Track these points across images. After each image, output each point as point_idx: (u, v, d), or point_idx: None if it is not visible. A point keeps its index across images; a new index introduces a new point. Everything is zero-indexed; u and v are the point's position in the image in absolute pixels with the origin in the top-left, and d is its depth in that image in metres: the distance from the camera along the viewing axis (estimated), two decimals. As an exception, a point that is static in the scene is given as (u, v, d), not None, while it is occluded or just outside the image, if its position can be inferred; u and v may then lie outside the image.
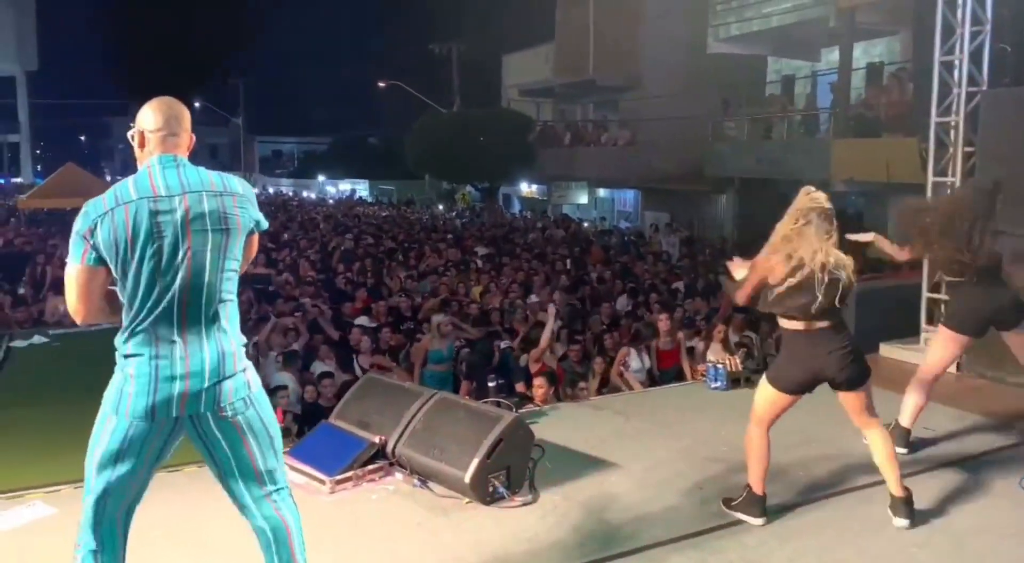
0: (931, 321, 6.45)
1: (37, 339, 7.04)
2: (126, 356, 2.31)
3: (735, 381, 5.56)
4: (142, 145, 2.42)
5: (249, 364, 2.46)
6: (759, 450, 3.46)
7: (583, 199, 20.91)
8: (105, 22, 58.24)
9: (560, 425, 4.74)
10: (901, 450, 4.13)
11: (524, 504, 3.68)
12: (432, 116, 23.32)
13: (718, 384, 5.58)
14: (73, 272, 2.30)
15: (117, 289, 2.34)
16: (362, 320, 9.33)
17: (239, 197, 2.39)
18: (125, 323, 2.33)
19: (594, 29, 20.09)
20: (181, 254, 2.27)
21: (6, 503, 3.62)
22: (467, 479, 3.60)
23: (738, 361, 5.81)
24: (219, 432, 2.36)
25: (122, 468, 2.32)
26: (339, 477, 3.80)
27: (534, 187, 25.05)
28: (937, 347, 4.30)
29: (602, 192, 21.68)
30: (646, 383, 6.95)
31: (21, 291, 10.51)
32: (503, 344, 7.31)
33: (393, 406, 4.12)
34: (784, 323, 3.36)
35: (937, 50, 5.98)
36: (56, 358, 6.61)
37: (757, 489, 3.47)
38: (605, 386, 6.95)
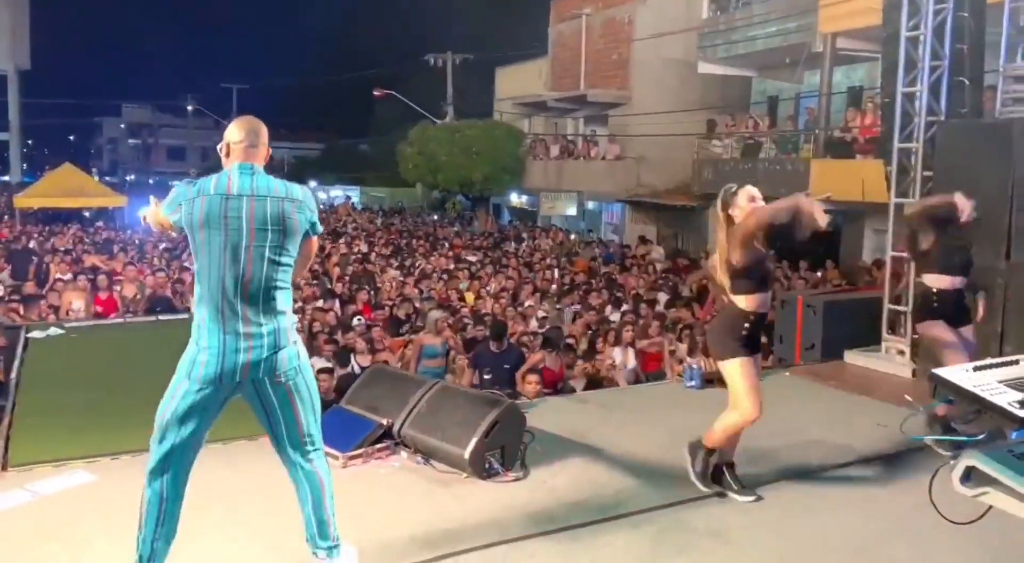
0: (892, 331, 6.99)
1: (53, 331, 7.44)
2: (199, 327, 2.78)
3: (708, 381, 6.06)
4: (227, 154, 2.89)
5: (299, 338, 2.93)
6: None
7: (572, 211, 21.40)
8: (99, 23, 58.41)
9: (549, 415, 5.21)
10: None
11: (516, 479, 4.14)
12: (425, 126, 23.79)
13: (693, 383, 6.08)
14: (160, 215, 2.88)
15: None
16: (357, 321, 9.77)
17: (298, 203, 2.85)
18: (197, 296, 2.81)
19: (586, 46, 20.66)
20: (244, 246, 2.74)
21: (52, 471, 4.04)
22: (467, 455, 4.05)
23: (712, 362, 6.32)
24: (274, 396, 2.83)
25: (188, 427, 2.78)
26: (351, 454, 4.24)
27: (524, 198, 25.57)
28: None
29: (591, 204, 22.19)
30: (631, 383, 7.42)
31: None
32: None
33: (399, 392, 4.58)
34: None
35: (900, 81, 6.52)
36: (72, 348, 7.01)
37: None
38: (593, 387, 7.41)
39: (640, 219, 19.55)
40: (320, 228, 2.97)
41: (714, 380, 6.06)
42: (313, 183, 44.33)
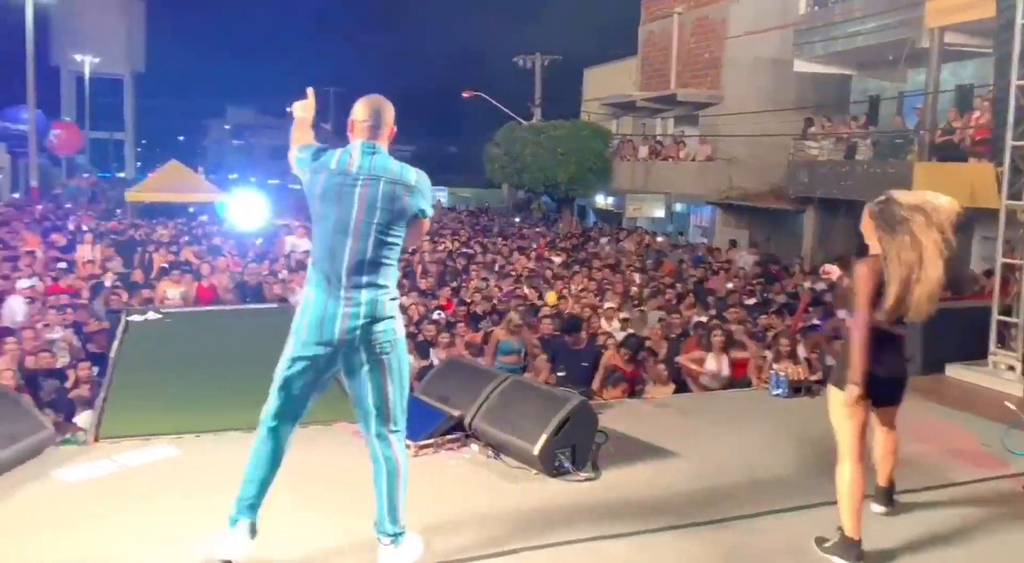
0: (1002, 344, 6.50)
1: (151, 315, 7.77)
2: (307, 290, 2.99)
3: (796, 390, 5.78)
4: (351, 131, 3.03)
5: (398, 315, 3.05)
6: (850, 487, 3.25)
7: (659, 213, 20.99)
8: (208, 29, 61.33)
9: (625, 418, 5.07)
10: None
11: (587, 480, 4.03)
12: (511, 126, 23.84)
13: (779, 391, 5.80)
14: (295, 159, 3.06)
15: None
16: (438, 315, 9.84)
17: (411, 187, 2.97)
18: (310, 261, 3.02)
19: (677, 45, 20.27)
20: (353, 222, 2.91)
21: (139, 444, 4.18)
22: (536, 451, 3.97)
23: (801, 371, 6.03)
24: (367, 366, 2.96)
25: (294, 384, 2.98)
26: (422, 443, 4.23)
27: (609, 199, 25.29)
28: None
29: (678, 207, 21.75)
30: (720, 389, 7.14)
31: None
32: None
33: (471, 385, 4.54)
34: None
35: (1014, 73, 6.06)
36: (167, 331, 7.29)
37: (850, 531, 3.26)
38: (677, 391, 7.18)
39: (730, 222, 19.02)
40: (430, 211, 3.08)
41: (801, 389, 5.79)
42: (404, 184, 45.31)
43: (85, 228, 15.96)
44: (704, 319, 9.74)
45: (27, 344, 7.14)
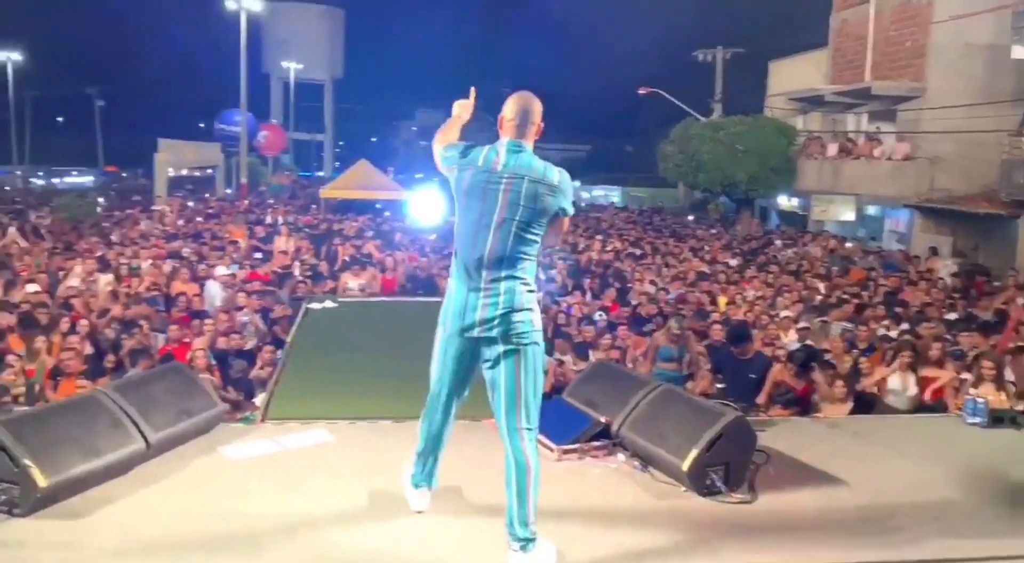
0: None
1: (328, 303, 8.23)
2: (451, 281, 3.15)
3: (997, 419, 5.07)
4: (500, 127, 3.14)
5: (536, 308, 3.11)
6: None
7: (848, 216, 19.47)
8: (400, 37, 64.80)
9: (791, 437, 4.66)
10: None
11: (742, 502, 3.73)
12: (687, 124, 23.12)
13: (977, 420, 5.11)
14: (441, 157, 3.21)
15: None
16: (599, 316, 9.69)
17: (553, 187, 3.06)
18: (454, 253, 3.16)
19: (874, 33, 18.72)
20: (495, 218, 3.01)
21: (299, 427, 4.39)
22: (685, 467, 3.73)
23: (1005, 398, 5.30)
24: (504, 358, 3.03)
25: (445, 371, 3.18)
26: (566, 448, 4.11)
27: (794, 200, 23.87)
28: None
29: (871, 210, 20.10)
30: (907, 411, 6.47)
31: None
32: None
33: (620, 390, 4.36)
34: None
35: None
36: (341, 319, 7.67)
37: None
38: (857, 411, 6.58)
39: (931, 228, 17.31)
40: (571, 210, 3.14)
41: (1004, 418, 5.07)
42: (576, 183, 45.50)
43: (282, 221, 17.31)
44: (894, 333, 8.90)
45: (220, 326, 7.80)
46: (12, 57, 42.98)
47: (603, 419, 4.24)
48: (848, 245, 18.17)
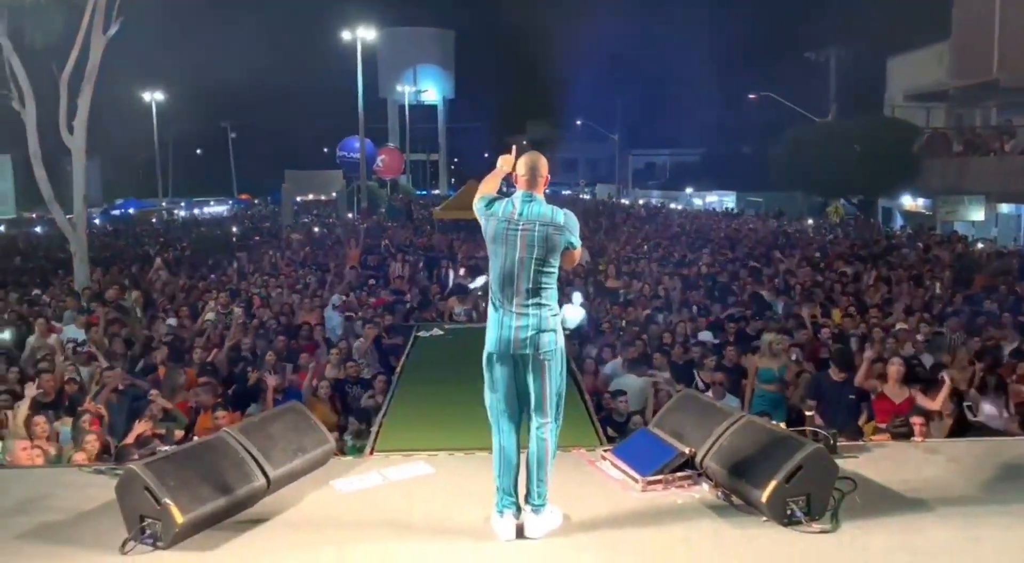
0: None
1: (436, 331, 8.68)
2: (491, 310, 3.78)
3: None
4: (515, 182, 3.86)
5: (559, 327, 3.77)
6: None
7: (978, 215, 18.36)
8: (506, 56, 66.05)
9: (882, 462, 4.64)
10: None
11: (822, 531, 3.79)
12: (801, 126, 22.48)
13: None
14: (476, 207, 3.84)
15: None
16: (705, 336, 9.64)
17: (560, 226, 3.71)
18: (491, 288, 3.82)
19: (1000, 22, 17.63)
20: (517, 257, 3.70)
21: (401, 460, 4.76)
22: (764, 498, 3.84)
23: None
24: (532, 368, 3.71)
25: (496, 391, 3.80)
26: (651, 478, 4.28)
27: (920, 201, 22.70)
28: None
29: (1004, 208, 18.88)
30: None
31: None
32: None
33: (705, 421, 4.49)
34: None
35: None
36: (445, 348, 8.08)
37: None
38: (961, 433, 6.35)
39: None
40: (578, 244, 3.80)
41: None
42: (689, 189, 44.75)
43: (394, 246, 18.10)
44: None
45: (336, 355, 8.36)
46: (156, 97, 46.87)
47: (687, 450, 4.38)
48: (980, 246, 17.16)
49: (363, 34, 32.71)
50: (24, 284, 14.77)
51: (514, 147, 3.99)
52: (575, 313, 9.48)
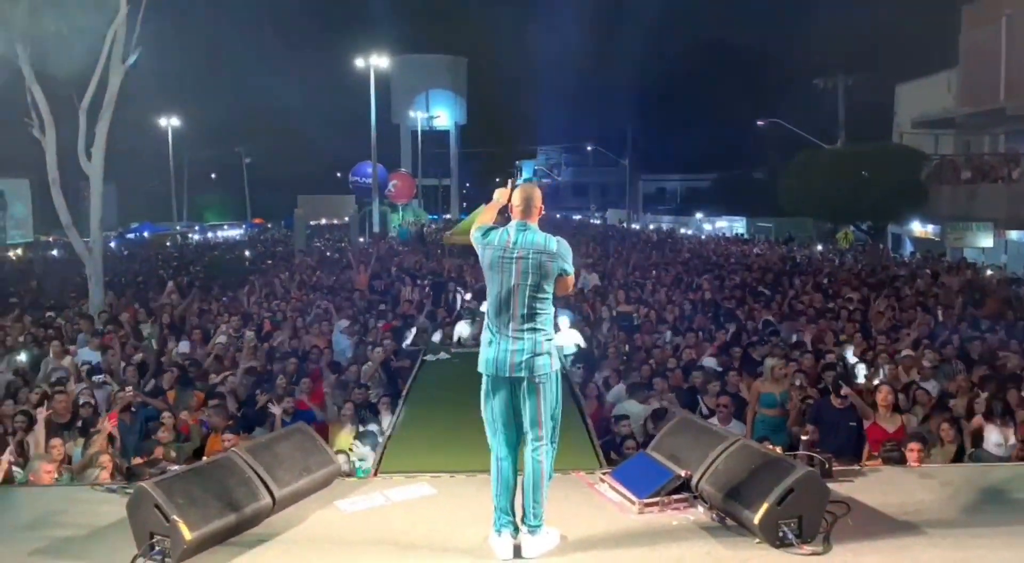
0: None
1: (442, 355, 8.80)
2: (485, 334, 3.93)
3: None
4: (511, 211, 4.03)
5: (554, 351, 3.89)
6: None
7: (986, 242, 18.39)
8: (517, 83, 66.86)
9: (876, 486, 4.71)
10: None
11: (813, 554, 3.86)
12: (809, 152, 22.65)
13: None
14: (473, 237, 4.02)
15: None
16: (710, 362, 9.68)
17: (553, 254, 3.86)
18: (487, 313, 3.97)
19: (1006, 51, 17.82)
20: (512, 283, 3.84)
21: (404, 481, 4.87)
22: (756, 520, 3.92)
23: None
24: (527, 392, 3.84)
25: (493, 412, 3.94)
26: (647, 501, 4.38)
27: (929, 227, 22.73)
28: None
29: (1013, 235, 18.89)
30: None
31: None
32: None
33: (701, 445, 4.59)
34: None
35: None
36: (451, 371, 8.17)
37: None
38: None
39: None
40: (571, 270, 3.94)
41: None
42: (699, 214, 44.90)
43: (403, 270, 18.26)
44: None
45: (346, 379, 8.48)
46: (172, 122, 47.60)
47: (683, 473, 4.48)
48: (989, 273, 17.15)
49: (376, 61, 33.23)
50: (40, 306, 15.01)
51: (510, 181, 4.20)
52: (568, 338, 9.61)
